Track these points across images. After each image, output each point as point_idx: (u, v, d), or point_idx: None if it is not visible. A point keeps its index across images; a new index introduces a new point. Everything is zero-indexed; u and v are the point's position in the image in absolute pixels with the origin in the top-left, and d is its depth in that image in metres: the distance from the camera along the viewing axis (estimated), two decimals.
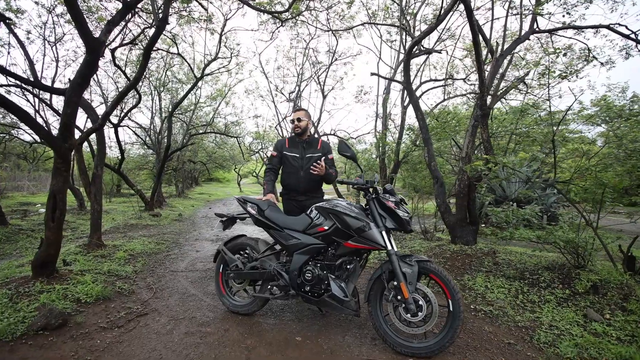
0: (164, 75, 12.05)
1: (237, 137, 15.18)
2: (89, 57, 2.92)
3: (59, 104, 10.21)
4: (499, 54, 4.53)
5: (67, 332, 2.44)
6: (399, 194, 2.49)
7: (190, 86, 10.07)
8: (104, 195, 10.54)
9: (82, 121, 10.83)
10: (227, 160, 21.45)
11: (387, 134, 8.82)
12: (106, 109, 4.21)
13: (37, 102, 8.84)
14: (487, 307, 2.97)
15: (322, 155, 3.05)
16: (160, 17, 3.71)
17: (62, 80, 15.65)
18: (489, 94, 4.28)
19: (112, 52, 6.40)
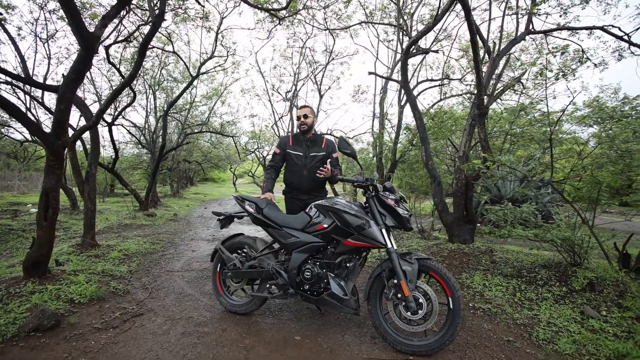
0: (158, 73, 11.92)
1: (233, 137, 15.07)
2: (83, 53, 2.86)
3: (51, 102, 10.06)
4: (496, 54, 4.55)
5: (60, 333, 2.38)
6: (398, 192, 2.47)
7: (185, 85, 9.97)
8: (97, 195, 10.38)
9: (75, 120, 10.64)
10: (223, 160, 21.29)
11: (384, 133, 8.82)
12: (101, 107, 4.13)
13: (29, 99, 8.68)
14: (486, 305, 2.98)
15: (326, 154, 3.00)
16: (156, 13, 3.66)
17: (55, 78, 15.43)
18: (486, 93, 4.30)
19: (106, 49, 6.30)
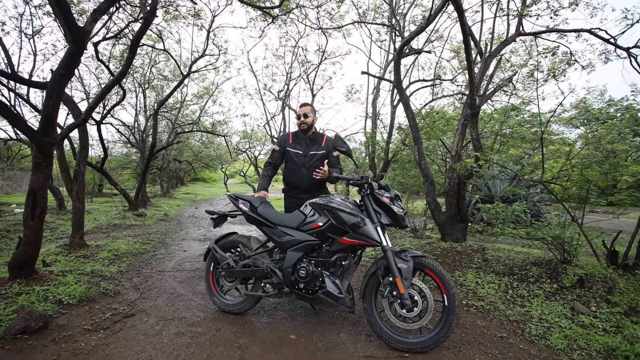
0: (148, 71, 11.74)
1: (225, 136, 14.94)
2: (73, 48, 2.79)
3: (37, 99, 9.81)
4: (488, 54, 4.62)
5: (49, 335, 2.31)
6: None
7: (176, 83, 9.84)
8: (85, 194, 10.18)
9: (62, 118, 10.41)
10: (214, 159, 21.10)
11: (377, 133, 8.86)
12: (90, 103, 4.04)
13: (13, 96, 8.44)
14: (479, 302, 3.01)
15: (326, 152, 2.97)
16: (148, 9, 3.60)
17: (40, 75, 15.08)
18: (478, 93, 4.35)
19: (95, 46, 6.18)
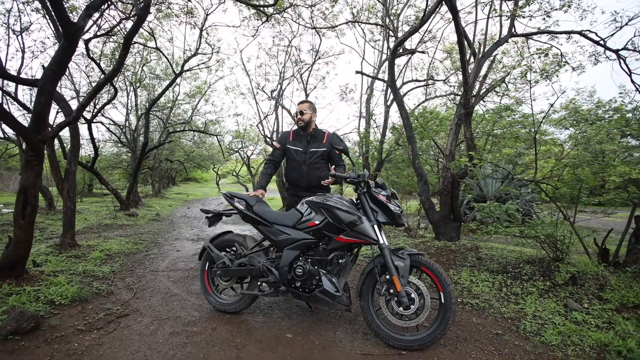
0: (140, 70, 11.58)
1: (217, 136, 14.83)
2: (65, 44, 2.74)
3: (25, 97, 9.61)
4: (481, 55, 4.67)
5: (41, 335, 2.27)
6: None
7: (168, 82, 9.73)
8: (76, 194, 9.99)
9: (51, 117, 10.20)
10: (206, 159, 20.92)
11: (370, 132, 8.89)
12: (82, 101, 3.97)
13: (1, 94, 8.24)
14: (474, 300, 3.04)
15: (327, 149, 2.95)
16: (141, 6, 3.55)
17: (29, 73, 14.75)
18: (472, 93, 4.40)
19: (86, 43, 6.07)
